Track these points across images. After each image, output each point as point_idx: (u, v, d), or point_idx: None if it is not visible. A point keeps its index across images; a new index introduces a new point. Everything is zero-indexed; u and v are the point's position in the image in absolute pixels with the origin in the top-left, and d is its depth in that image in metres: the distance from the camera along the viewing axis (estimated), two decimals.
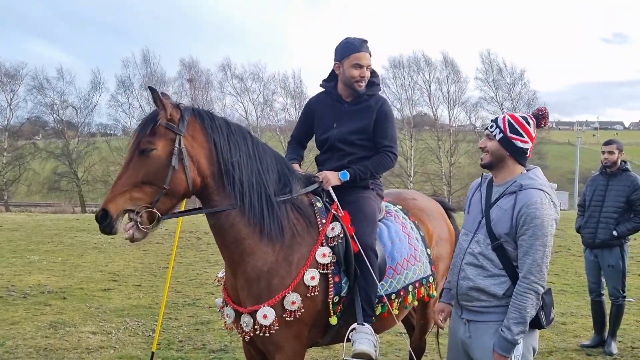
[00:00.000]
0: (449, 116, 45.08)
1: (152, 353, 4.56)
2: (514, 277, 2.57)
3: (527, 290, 2.50)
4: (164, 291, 4.71)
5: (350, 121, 3.39)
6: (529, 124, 2.68)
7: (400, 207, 3.68)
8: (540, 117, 2.73)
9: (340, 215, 3.15)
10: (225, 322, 3.20)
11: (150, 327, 6.10)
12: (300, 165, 3.55)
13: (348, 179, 3.26)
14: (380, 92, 3.50)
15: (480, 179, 2.89)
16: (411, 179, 43.64)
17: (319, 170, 3.45)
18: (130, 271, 9.33)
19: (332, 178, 3.25)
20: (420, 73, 45.83)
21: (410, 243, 3.46)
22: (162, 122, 2.73)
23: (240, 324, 2.99)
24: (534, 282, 2.49)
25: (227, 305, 3.10)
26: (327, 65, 3.60)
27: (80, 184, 40.86)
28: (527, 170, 2.72)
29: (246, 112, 47.73)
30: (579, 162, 45.09)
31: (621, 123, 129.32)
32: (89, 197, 41.71)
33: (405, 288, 3.35)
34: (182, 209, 3.18)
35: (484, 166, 2.75)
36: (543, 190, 2.56)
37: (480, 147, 2.76)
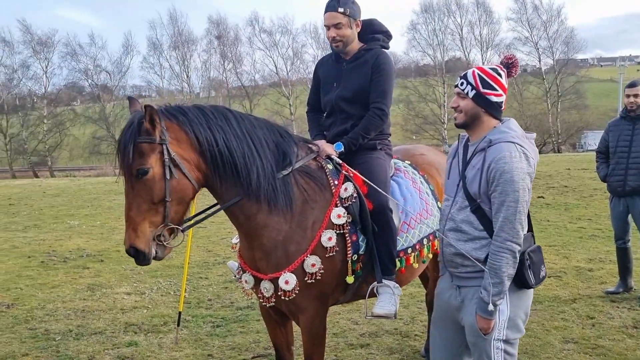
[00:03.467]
0: (482, 59, 43.83)
1: (179, 312, 4.77)
2: None
3: (500, 248, 2.41)
4: (186, 257, 4.88)
5: (349, 80, 3.35)
6: (500, 75, 2.56)
7: (409, 163, 3.69)
8: (511, 66, 2.60)
9: (351, 175, 3.17)
10: (243, 288, 3.25)
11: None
12: (325, 138, 3.46)
13: (343, 149, 3.26)
14: (382, 44, 3.39)
15: (457, 141, 2.79)
16: (445, 125, 43.01)
17: (326, 136, 3.46)
18: None
19: (328, 149, 3.23)
20: (451, 17, 44.58)
21: (421, 197, 3.48)
22: (142, 139, 2.63)
23: (261, 290, 3.05)
24: (507, 239, 2.40)
25: (244, 272, 3.15)
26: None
27: None
28: (502, 123, 2.59)
29: (276, 67, 47.60)
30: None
31: None
32: None
33: (420, 241, 3.39)
34: (193, 211, 3.17)
35: (458, 126, 2.63)
36: (514, 143, 2.45)
37: (453, 107, 2.63)
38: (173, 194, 2.68)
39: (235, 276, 3.42)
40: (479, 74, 2.54)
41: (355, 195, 3.10)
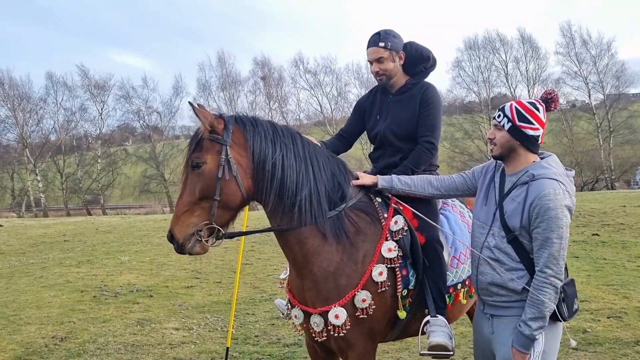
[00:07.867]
0: (529, 95, 43.19)
1: (227, 348, 4.77)
2: (531, 270, 2.51)
3: (544, 284, 2.43)
4: (234, 294, 4.91)
5: (396, 113, 3.35)
6: (537, 109, 2.59)
7: None
8: (550, 101, 2.64)
9: (401, 208, 3.13)
10: (293, 323, 3.19)
11: (229, 322, 6.37)
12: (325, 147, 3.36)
13: None
14: (428, 79, 3.41)
15: (494, 164, 2.81)
16: None
17: (373, 168, 3.45)
18: (211, 268, 9.74)
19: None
20: (495, 53, 44.34)
21: (470, 231, 3.41)
22: (205, 135, 2.75)
23: (311, 325, 2.99)
24: (551, 275, 2.43)
25: (294, 307, 3.11)
26: None
27: (167, 185, 42.95)
28: (542, 158, 2.62)
29: (320, 106, 48.17)
30: None
31: None
32: (176, 197, 43.77)
33: (470, 277, 3.30)
34: (244, 228, 3.22)
35: (494, 157, 2.70)
36: (557, 180, 2.47)
37: (489, 139, 2.67)
38: (221, 195, 2.73)
39: (282, 314, 3.37)
40: (516, 107, 2.59)
41: (405, 228, 3.05)
